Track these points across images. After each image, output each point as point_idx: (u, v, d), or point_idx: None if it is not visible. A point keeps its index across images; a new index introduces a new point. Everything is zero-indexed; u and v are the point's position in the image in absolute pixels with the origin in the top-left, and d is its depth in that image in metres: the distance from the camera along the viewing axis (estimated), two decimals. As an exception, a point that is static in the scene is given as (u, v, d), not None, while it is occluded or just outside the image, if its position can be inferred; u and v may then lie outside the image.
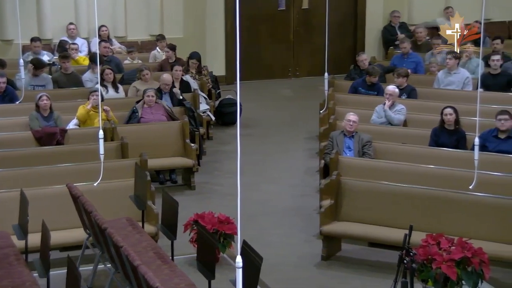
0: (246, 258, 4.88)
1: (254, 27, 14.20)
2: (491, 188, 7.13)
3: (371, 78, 10.22)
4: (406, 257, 5.42)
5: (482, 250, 5.64)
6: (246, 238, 5.44)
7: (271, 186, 9.39)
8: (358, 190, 7.41)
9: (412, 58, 11.45)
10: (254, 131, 11.46)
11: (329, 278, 7.01)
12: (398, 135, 8.91)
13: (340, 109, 9.79)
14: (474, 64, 10.82)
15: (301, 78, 14.61)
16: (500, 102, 9.22)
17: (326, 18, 9.37)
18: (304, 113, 12.20)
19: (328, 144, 8.68)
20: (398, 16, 13.99)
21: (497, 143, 8.17)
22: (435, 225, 6.71)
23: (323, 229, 7.29)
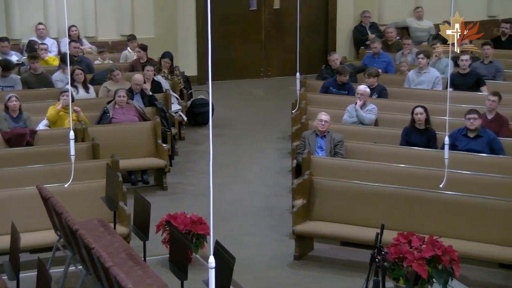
0: (219, 258, 4.87)
1: (225, 27, 14.18)
2: (461, 186, 7.21)
3: (342, 78, 10.28)
4: (378, 256, 5.46)
5: (452, 248, 5.69)
6: (219, 238, 5.43)
7: (243, 186, 9.39)
8: (330, 190, 7.44)
9: (383, 58, 11.53)
10: (227, 131, 11.45)
11: (301, 278, 7.02)
12: (369, 135, 8.97)
13: (312, 109, 9.82)
14: (444, 63, 10.93)
15: (273, 78, 14.62)
16: (469, 102, 9.32)
17: (298, 18, 9.41)
18: (276, 113, 12.21)
19: (300, 144, 8.70)
20: (369, 16, 14.07)
21: (467, 142, 8.26)
22: (406, 223, 6.76)
23: (295, 229, 7.30)
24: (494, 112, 8.76)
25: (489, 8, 15.02)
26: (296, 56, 9.48)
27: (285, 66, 14.26)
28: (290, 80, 11.94)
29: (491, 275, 6.88)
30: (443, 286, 5.53)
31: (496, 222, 6.81)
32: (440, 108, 8.51)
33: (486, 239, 6.77)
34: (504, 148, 8.18)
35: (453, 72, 10.14)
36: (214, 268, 3.89)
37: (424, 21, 14.04)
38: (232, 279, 5.28)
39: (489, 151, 8.14)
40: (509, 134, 8.62)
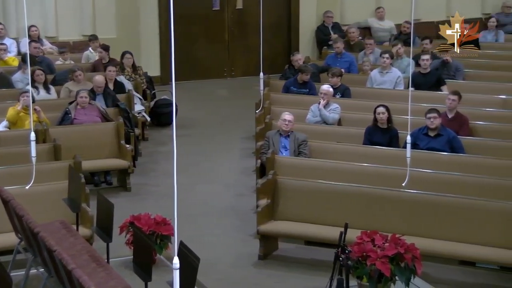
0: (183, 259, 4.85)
1: (188, 27, 14.14)
2: (422, 185, 7.30)
3: (303, 76, 10.34)
4: (341, 255, 5.50)
5: (414, 246, 5.75)
6: (183, 239, 5.41)
7: (207, 186, 9.37)
8: (295, 189, 7.47)
9: (346, 58, 11.62)
10: (190, 131, 11.41)
11: (266, 277, 7.04)
12: (333, 134, 9.03)
13: (276, 109, 9.85)
14: (405, 63, 11.06)
15: (236, 78, 14.62)
16: (430, 101, 9.44)
17: (260, 19, 9.41)
18: (240, 113, 12.22)
19: (264, 144, 8.72)
20: (331, 16, 14.16)
21: (428, 140, 8.36)
22: (370, 222, 6.83)
23: (260, 229, 7.32)
24: (454, 111, 8.89)
25: (448, 8, 15.23)
26: (260, 56, 9.49)
27: (248, 66, 14.27)
28: (253, 80, 11.95)
29: (451, 272, 6.99)
30: (406, 284, 5.59)
31: (457, 219, 6.90)
32: (402, 107, 8.61)
33: (447, 237, 6.87)
34: (464, 147, 8.31)
35: (414, 72, 10.26)
36: (178, 269, 3.87)
37: (385, 21, 14.19)
38: (197, 279, 5.27)
39: (450, 150, 8.25)
40: (468, 133, 8.76)
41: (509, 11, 14.53)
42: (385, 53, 10.64)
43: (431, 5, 14.56)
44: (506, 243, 6.69)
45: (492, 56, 12.20)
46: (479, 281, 6.87)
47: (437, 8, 14.97)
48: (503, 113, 9.38)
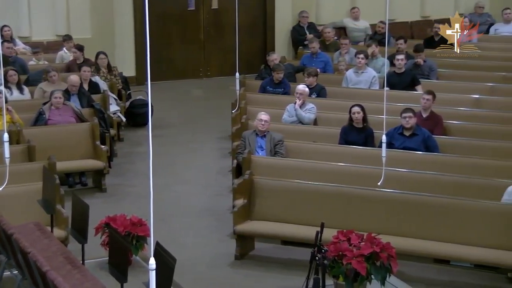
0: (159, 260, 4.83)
1: (164, 27, 14.09)
2: (398, 184, 7.35)
3: (276, 74, 10.36)
4: (318, 254, 5.51)
5: (390, 244, 5.79)
6: (160, 239, 5.39)
7: (184, 186, 9.35)
8: (271, 189, 7.48)
9: (321, 58, 11.66)
10: (166, 131, 11.38)
11: (242, 277, 7.04)
12: (309, 134, 9.06)
13: (252, 109, 9.85)
14: (380, 63, 11.12)
15: (212, 78, 14.60)
16: (405, 100, 9.51)
17: (236, 19, 9.41)
18: (216, 113, 12.20)
19: (241, 144, 8.72)
20: (307, 17, 14.19)
21: (403, 140, 8.42)
22: (345, 221, 6.85)
23: (236, 229, 7.31)
24: (429, 110, 8.96)
25: (422, 8, 15.36)
26: (235, 56, 9.49)
27: (224, 66, 14.26)
28: (229, 80, 11.95)
29: (426, 270, 7.04)
30: (381, 282, 5.62)
31: (432, 218, 6.96)
32: (377, 107, 8.65)
33: (422, 235, 6.92)
34: (438, 146, 8.38)
35: (389, 72, 10.33)
36: (154, 269, 3.86)
37: (360, 21, 14.26)
38: (173, 280, 5.25)
39: (424, 149, 8.32)
40: (443, 132, 8.84)
41: (481, 11, 14.68)
42: (360, 53, 10.69)
43: (405, 5, 14.67)
44: (480, 241, 6.76)
45: (465, 56, 12.30)
46: (453, 279, 6.93)
47: (411, 8, 15.09)
48: (476, 112, 9.48)
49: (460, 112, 9.43)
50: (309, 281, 5.57)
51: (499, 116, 9.21)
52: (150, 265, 3.86)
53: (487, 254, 6.67)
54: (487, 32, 14.09)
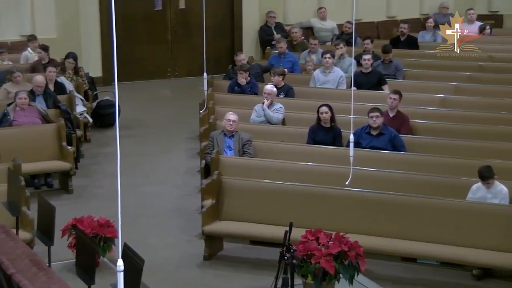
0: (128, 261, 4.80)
1: (130, 27, 14.00)
2: (365, 183, 7.40)
3: (242, 75, 10.37)
4: (286, 254, 5.52)
5: (358, 243, 5.82)
6: (128, 241, 5.36)
7: (152, 187, 9.30)
8: (239, 189, 7.47)
9: (289, 58, 11.69)
10: (134, 132, 11.30)
11: (211, 278, 7.03)
12: (277, 134, 9.07)
13: (220, 109, 9.84)
14: (347, 63, 11.19)
15: (180, 78, 14.55)
16: (372, 100, 9.57)
17: (203, 19, 9.39)
18: (184, 113, 12.16)
19: (209, 144, 8.70)
20: (274, 17, 14.22)
21: (370, 139, 8.48)
22: (314, 221, 6.87)
23: (205, 229, 7.30)
24: (395, 110, 9.04)
25: (388, 9, 15.50)
26: (203, 56, 9.47)
27: (192, 66, 14.22)
28: (197, 80, 11.92)
29: (393, 268, 7.10)
30: (350, 281, 5.65)
31: (399, 217, 7.02)
32: (344, 106, 8.70)
33: (390, 234, 6.98)
34: (405, 145, 8.46)
35: (356, 71, 10.40)
36: (122, 271, 3.83)
37: (327, 21, 14.33)
38: (141, 281, 5.22)
39: (391, 148, 8.39)
40: (409, 131, 8.92)
41: (446, 11, 14.85)
42: (327, 53, 10.74)
43: (371, 5, 14.79)
44: (446, 239, 6.84)
45: (430, 55, 12.45)
46: (420, 276, 7.00)
47: (377, 9, 15.22)
48: (441, 111, 9.59)
49: (426, 112, 9.53)
50: (278, 280, 5.58)
51: (464, 115, 9.32)
52: (118, 267, 3.83)
53: (453, 252, 6.76)
54: (451, 32, 14.27)
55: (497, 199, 7.07)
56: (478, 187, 7.16)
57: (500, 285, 6.86)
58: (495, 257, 6.64)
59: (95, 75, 12.62)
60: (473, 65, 11.60)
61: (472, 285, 6.85)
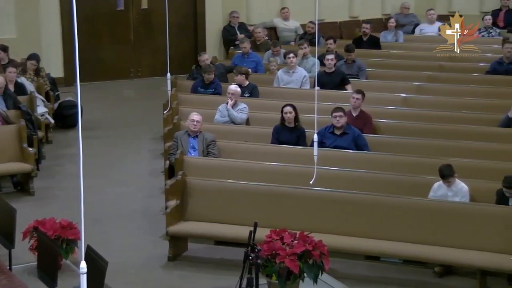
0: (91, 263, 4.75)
1: (92, 27, 13.87)
2: (329, 182, 7.44)
3: (207, 76, 10.35)
4: (251, 254, 5.52)
5: (322, 242, 5.85)
6: (91, 242, 5.31)
7: (115, 188, 9.22)
8: (204, 189, 7.46)
9: (252, 58, 11.70)
10: (97, 133, 11.20)
11: (176, 278, 7.00)
12: (241, 134, 9.07)
13: (184, 109, 9.80)
14: (311, 63, 11.24)
15: (143, 79, 14.46)
16: (335, 100, 9.64)
17: (166, 18, 9.35)
18: (148, 113, 12.09)
19: (173, 145, 8.67)
20: (237, 17, 14.22)
21: (334, 139, 8.53)
22: (278, 220, 6.89)
23: (169, 230, 7.27)
24: (359, 109, 9.11)
25: (350, 9, 15.61)
26: (166, 57, 9.42)
27: (155, 66, 14.14)
28: (161, 81, 11.85)
29: (357, 266, 7.16)
30: (314, 280, 5.67)
31: (362, 215, 7.09)
32: (308, 106, 8.73)
33: (353, 233, 7.04)
34: (368, 144, 8.53)
35: (319, 71, 10.45)
36: (85, 273, 3.79)
37: (290, 22, 14.38)
38: (105, 283, 5.18)
39: (355, 147, 8.45)
40: (372, 131, 9.00)
41: (407, 12, 15.02)
42: (290, 53, 10.78)
43: (334, 5, 14.88)
44: (409, 237, 6.92)
45: (392, 55, 12.59)
46: (383, 275, 7.07)
47: (340, 9, 15.32)
48: (404, 111, 9.69)
49: (388, 111, 9.62)
50: (242, 280, 5.58)
51: (425, 115, 9.44)
52: (81, 269, 3.78)
53: (416, 250, 6.84)
54: (412, 32, 14.44)
55: (458, 197, 7.18)
56: (439, 185, 7.25)
57: (460, 282, 6.96)
58: (456, 254, 6.74)
59: (56, 76, 12.47)
60: (434, 65, 11.75)
61: (434, 282, 6.95)
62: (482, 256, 6.66)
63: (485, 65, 11.40)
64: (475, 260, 6.66)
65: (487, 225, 6.78)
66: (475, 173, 7.60)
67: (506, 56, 10.88)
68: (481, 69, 11.36)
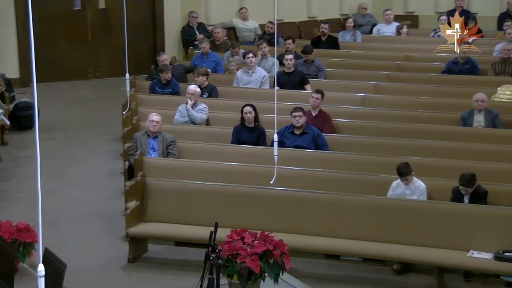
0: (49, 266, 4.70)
1: (48, 27, 13.69)
2: (290, 182, 7.47)
3: (164, 75, 10.31)
4: (212, 254, 5.51)
5: (282, 242, 5.87)
6: (49, 245, 5.24)
7: (74, 190, 9.12)
8: (164, 190, 7.42)
9: (212, 58, 11.68)
10: (55, 134, 11.06)
11: (135, 280, 6.95)
12: (201, 134, 9.06)
13: (143, 110, 9.74)
14: (270, 63, 11.27)
15: (101, 79, 14.33)
16: (295, 99, 9.68)
17: (124, 18, 9.27)
18: (106, 114, 11.98)
19: (132, 145, 8.60)
20: (196, 17, 14.18)
21: (293, 139, 8.57)
22: (239, 220, 6.89)
23: (129, 231, 7.22)
24: (318, 109, 9.17)
25: (309, 9, 15.70)
26: (125, 57, 9.35)
27: (114, 67, 14.02)
28: (119, 81, 11.78)
29: (318, 265, 7.21)
30: (275, 280, 5.69)
31: (322, 215, 7.13)
32: (268, 106, 8.76)
33: (314, 232, 7.09)
34: (327, 143, 8.59)
35: (279, 71, 10.48)
36: (43, 276, 3.74)
37: (249, 22, 14.40)
38: (64, 286, 5.12)
39: (315, 147, 8.51)
40: (332, 130, 9.06)
41: (364, 12, 15.17)
42: (249, 53, 10.79)
43: (292, 6, 14.94)
44: (369, 235, 6.99)
45: (351, 55, 12.69)
46: (343, 273, 7.13)
47: (298, 9, 15.39)
48: (362, 110, 9.78)
49: (347, 110, 9.70)
50: (203, 281, 5.57)
51: (384, 114, 9.54)
52: (39, 272, 3.74)
53: (375, 248, 6.91)
54: (370, 32, 14.60)
55: (416, 195, 7.28)
56: (397, 183, 7.35)
57: (418, 279, 7.06)
58: (414, 251, 6.83)
59: (11, 77, 12.28)
60: (392, 65, 11.88)
61: (392, 280, 7.03)
62: (439, 253, 6.77)
63: (441, 64, 11.57)
64: (432, 257, 6.76)
65: (444, 223, 6.89)
66: (432, 171, 7.71)
67: (461, 56, 11.07)
68: (437, 69, 11.52)
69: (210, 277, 5.49)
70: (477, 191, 7.07)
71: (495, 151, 8.20)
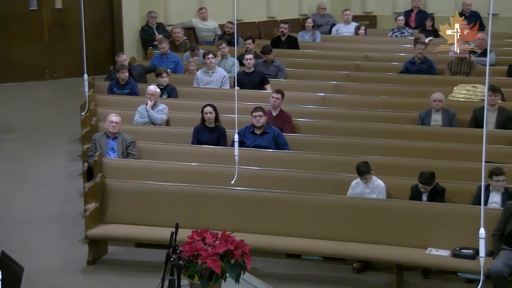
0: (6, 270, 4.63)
1: (3, 27, 13.47)
2: (250, 182, 7.49)
3: (120, 74, 10.25)
4: (173, 255, 5.49)
5: (244, 242, 5.88)
6: (6, 248, 5.17)
7: (32, 192, 8.99)
8: (123, 191, 7.37)
9: (171, 58, 11.63)
10: (11, 136, 10.88)
11: (96, 282, 6.89)
12: (161, 135, 9.01)
13: (102, 110, 9.65)
14: (230, 63, 11.27)
15: (59, 80, 14.14)
16: (255, 99, 9.69)
17: (82, 18, 9.17)
18: (65, 115, 11.84)
19: (91, 146, 8.52)
20: (155, 17, 14.09)
21: (254, 138, 8.59)
22: (200, 221, 6.88)
23: (88, 233, 7.15)
24: (278, 109, 9.20)
25: (268, 9, 15.74)
26: (83, 57, 9.25)
27: (71, 67, 13.84)
28: (77, 82, 11.65)
29: (279, 265, 7.24)
30: (236, 280, 5.69)
31: (283, 214, 7.17)
32: (228, 106, 8.76)
33: (275, 231, 7.11)
34: (288, 143, 8.62)
35: (239, 71, 10.49)
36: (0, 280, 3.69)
37: (209, 22, 14.37)
38: (22, 290, 5.05)
39: (275, 147, 8.53)
40: (292, 130, 9.11)
41: (323, 12, 15.26)
42: (208, 53, 10.77)
43: (252, 6, 14.96)
44: (329, 234, 7.05)
45: (310, 55, 12.76)
46: (304, 272, 7.17)
47: (257, 9, 15.41)
48: (322, 110, 9.84)
49: (307, 110, 9.75)
50: (164, 282, 5.54)
51: (343, 113, 9.61)
52: (-4, 276, 3.68)
53: (335, 247, 6.97)
54: (329, 32, 14.70)
55: (375, 194, 7.36)
56: (357, 182, 7.42)
57: (378, 277, 7.14)
58: (374, 250, 6.90)
59: (-33, 77, 12.06)
60: (350, 65, 11.98)
61: (353, 278, 7.10)
62: (398, 251, 6.85)
63: (398, 64, 11.71)
64: (391, 255, 6.84)
65: (403, 221, 6.98)
66: (391, 170, 7.80)
67: (418, 56, 11.22)
68: (395, 69, 11.65)
69: (171, 278, 5.48)
70: (435, 189, 7.18)
71: (452, 149, 8.33)
